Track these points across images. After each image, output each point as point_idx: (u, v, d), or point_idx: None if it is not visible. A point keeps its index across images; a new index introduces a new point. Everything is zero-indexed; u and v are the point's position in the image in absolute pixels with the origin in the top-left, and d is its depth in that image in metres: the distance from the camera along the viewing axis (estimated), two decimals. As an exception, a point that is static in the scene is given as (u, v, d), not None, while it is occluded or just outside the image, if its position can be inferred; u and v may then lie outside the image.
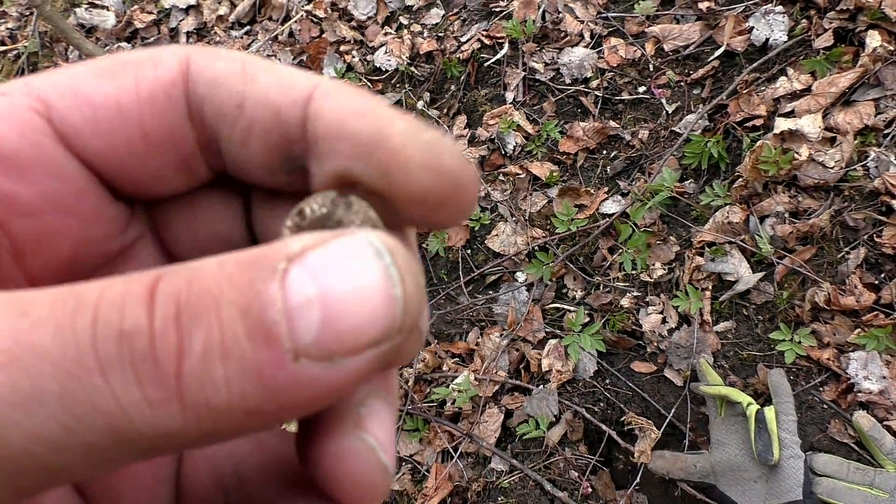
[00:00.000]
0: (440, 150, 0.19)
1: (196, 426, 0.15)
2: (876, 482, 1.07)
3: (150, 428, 0.15)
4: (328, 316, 0.15)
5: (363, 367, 0.16)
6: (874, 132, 1.28)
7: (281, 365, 0.15)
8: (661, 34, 1.58)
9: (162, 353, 0.15)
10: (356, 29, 2.00)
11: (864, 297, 1.21)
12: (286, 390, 0.15)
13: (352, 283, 0.16)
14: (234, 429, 0.16)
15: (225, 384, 0.15)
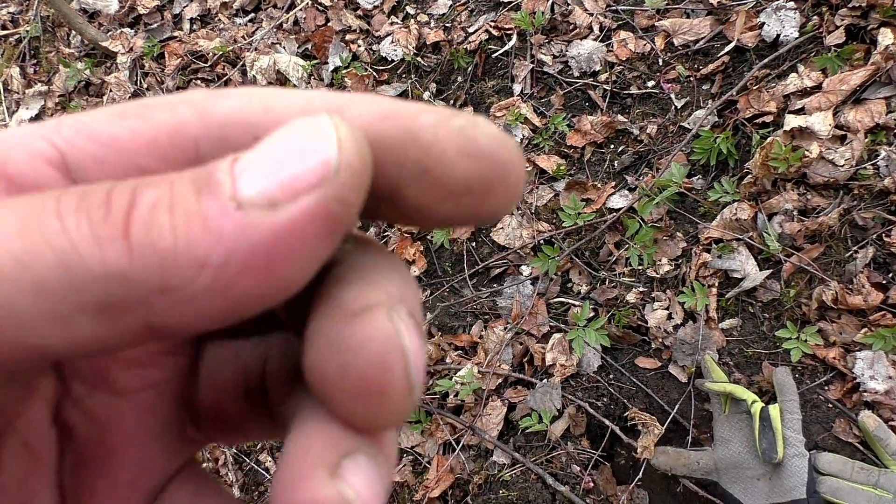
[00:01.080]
0: (474, 133, 0.19)
1: (143, 269, 0.16)
2: (880, 482, 1.07)
3: (98, 264, 0.16)
4: (268, 169, 0.17)
5: (306, 209, 0.16)
6: (885, 131, 1.28)
7: (225, 212, 0.16)
8: (671, 28, 1.57)
9: (115, 204, 0.16)
10: (362, 18, 1.99)
11: (872, 297, 1.21)
12: (231, 235, 0.16)
13: (292, 145, 0.17)
14: (190, 284, 0.16)
15: (171, 229, 0.16)
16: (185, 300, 0.16)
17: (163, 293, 0.16)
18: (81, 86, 2.33)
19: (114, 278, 0.16)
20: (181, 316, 0.17)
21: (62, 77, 2.33)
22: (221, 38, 2.12)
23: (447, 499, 1.44)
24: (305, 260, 0.17)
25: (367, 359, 0.17)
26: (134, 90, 2.18)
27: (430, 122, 0.19)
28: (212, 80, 2.10)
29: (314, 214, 0.16)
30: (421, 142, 0.18)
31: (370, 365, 0.17)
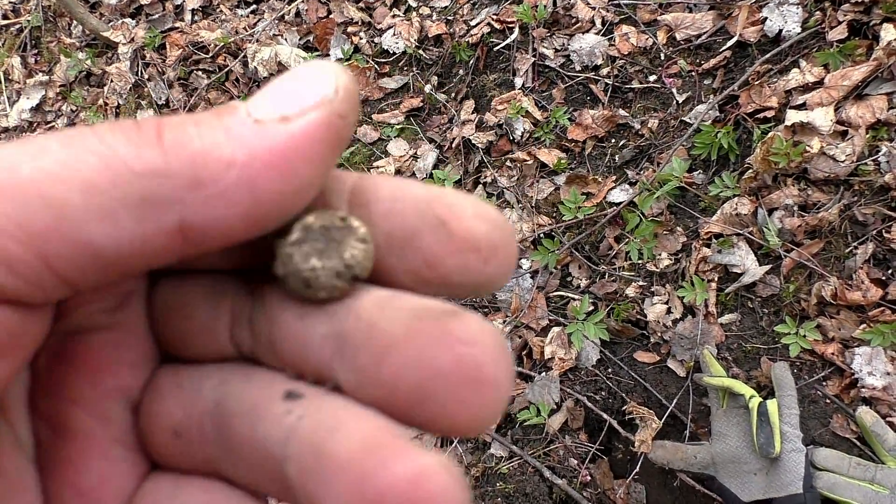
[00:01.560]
0: (487, 206, 0.21)
1: (178, 167, 0.18)
2: (877, 478, 1.07)
3: (137, 161, 0.18)
4: (276, 93, 0.20)
5: (314, 120, 0.19)
6: (886, 127, 1.27)
7: (244, 123, 0.19)
8: (673, 23, 1.57)
9: (145, 125, 0.19)
10: (364, 10, 1.98)
11: (871, 293, 1.21)
12: (253, 140, 0.18)
13: (297, 76, 0.20)
14: (219, 180, 0.18)
15: (198, 135, 0.18)
16: (215, 195, 0.18)
17: (195, 188, 0.18)
18: (82, 76, 2.33)
19: (151, 175, 0.18)
20: (213, 212, 0.18)
21: (63, 67, 2.33)
22: (223, 30, 2.12)
23: (445, 491, 1.44)
24: (317, 163, 0.19)
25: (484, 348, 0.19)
26: (135, 80, 2.18)
27: (451, 191, 0.21)
28: (213, 71, 2.10)
29: (320, 124, 0.19)
30: (444, 200, 0.21)
31: (488, 353, 0.19)
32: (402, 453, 0.17)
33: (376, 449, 0.18)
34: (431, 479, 0.17)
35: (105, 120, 2.23)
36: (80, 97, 2.29)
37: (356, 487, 0.17)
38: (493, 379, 0.19)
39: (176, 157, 0.18)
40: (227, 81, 2.08)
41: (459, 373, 0.18)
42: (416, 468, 0.17)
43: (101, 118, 2.23)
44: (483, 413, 0.19)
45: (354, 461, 0.17)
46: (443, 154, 1.74)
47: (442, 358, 0.18)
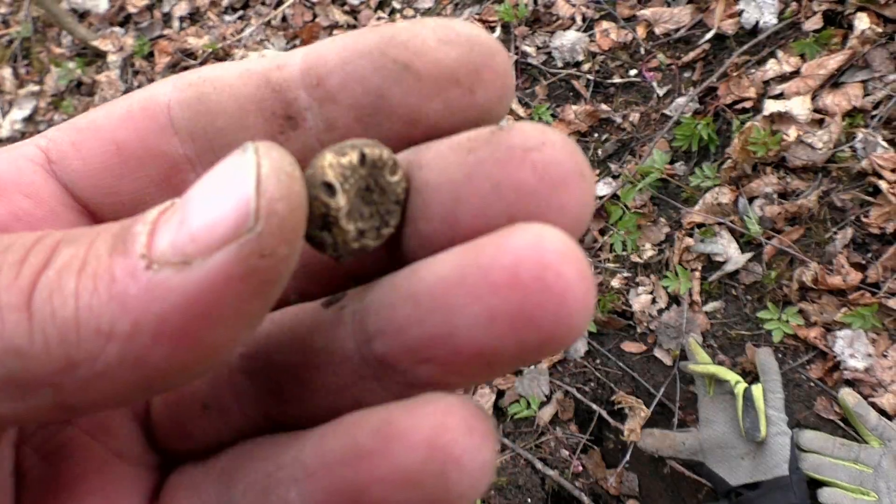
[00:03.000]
0: (450, 24, 0.18)
1: (44, 344, 0.14)
2: (861, 457, 1.09)
3: (16, 361, 0.14)
4: (185, 217, 0.15)
5: (220, 268, 0.14)
6: (862, 113, 1.29)
7: (132, 273, 0.14)
8: (652, 17, 1.59)
9: (27, 265, 0.15)
10: (349, 13, 2.00)
11: (851, 277, 1.23)
12: (138, 301, 0.14)
13: (213, 187, 0.15)
14: (97, 358, 0.14)
15: (73, 296, 0.14)
16: (93, 377, 0.14)
17: (68, 370, 0.14)
18: (73, 85, 2.34)
19: (15, 355, 0.14)
20: (93, 394, 0.15)
21: (54, 77, 2.34)
22: (210, 36, 2.14)
23: (438, 485, 1.45)
24: (230, 324, 0.15)
25: (554, 146, 0.17)
26: (125, 88, 2.20)
27: (405, 27, 0.18)
28: (201, 77, 2.11)
29: (231, 273, 0.14)
30: (397, 39, 0.18)
31: (559, 150, 0.17)
32: None
33: None
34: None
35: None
36: (72, 106, 2.30)
37: None
38: (577, 169, 0.17)
39: (42, 331, 0.14)
40: (216, 87, 2.09)
41: (545, 181, 0.17)
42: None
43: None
44: (585, 203, 0.17)
45: None
46: (429, 153, 1.76)
47: (520, 177, 0.17)
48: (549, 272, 0.15)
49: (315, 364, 0.19)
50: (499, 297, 0.16)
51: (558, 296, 0.15)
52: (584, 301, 0.16)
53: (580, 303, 0.16)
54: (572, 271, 0.16)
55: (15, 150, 0.20)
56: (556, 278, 0.15)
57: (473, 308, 0.16)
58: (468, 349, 0.16)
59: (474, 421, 0.16)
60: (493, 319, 0.16)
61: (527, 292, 0.15)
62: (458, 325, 0.16)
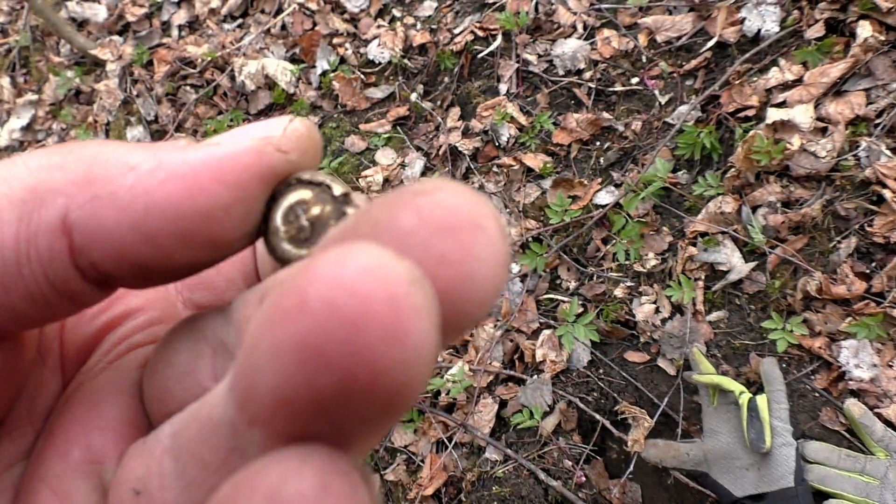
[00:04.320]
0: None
1: (73, 162, 0.17)
2: (867, 469, 1.08)
3: (37, 158, 0.17)
4: (227, 132, 0.18)
5: (242, 147, 0.17)
6: (865, 122, 1.29)
7: (174, 145, 0.17)
8: (653, 25, 1.59)
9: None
10: (349, 21, 2.00)
11: (856, 286, 1.22)
12: (168, 153, 0.17)
13: (254, 124, 0.19)
14: (114, 179, 0.17)
15: (114, 145, 0.17)
16: (104, 195, 0.16)
17: (85, 185, 0.16)
18: (72, 94, 2.34)
19: (46, 168, 0.16)
20: (97, 212, 0.16)
21: (52, 86, 2.34)
22: (210, 44, 2.13)
23: (441, 496, 1.45)
24: (232, 188, 0.17)
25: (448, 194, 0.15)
26: (124, 97, 2.19)
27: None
28: (201, 85, 2.11)
29: (249, 150, 0.17)
30: None
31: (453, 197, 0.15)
32: None
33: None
34: None
35: (95, 137, 2.24)
36: (70, 115, 2.30)
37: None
38: (471, 218, 0.15)
39: (76, 154, 0.17)
40: (216, 95, 2.09)
41: (426, 224, 0.15)
42: None
43: (92, 135, 2.24)
44: (479, 256, 0.15)
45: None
46: (430, 162, 1.76)
47: (400, 217, 0.15)
48: (341, 292, 0.13)
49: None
50: (284, 326, 0.13)
51: (352, 323, 0.13)
52: (397, 327, 0.13)
53: (391, 331, 0.13)
54: (380, 290, 0.13)
55: None
56: (351, 300, 0.13)
57: (264, 341, 0.14)
58: (261, 394, 0.14)
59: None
60: (277, 353, 0.13)
61: (314, 319, 0.13)
62: (254, 364, 0.14)
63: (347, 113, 1.91)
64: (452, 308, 0.14)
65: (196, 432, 0.17)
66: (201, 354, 0.19)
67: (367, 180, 1.75)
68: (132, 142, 0.18)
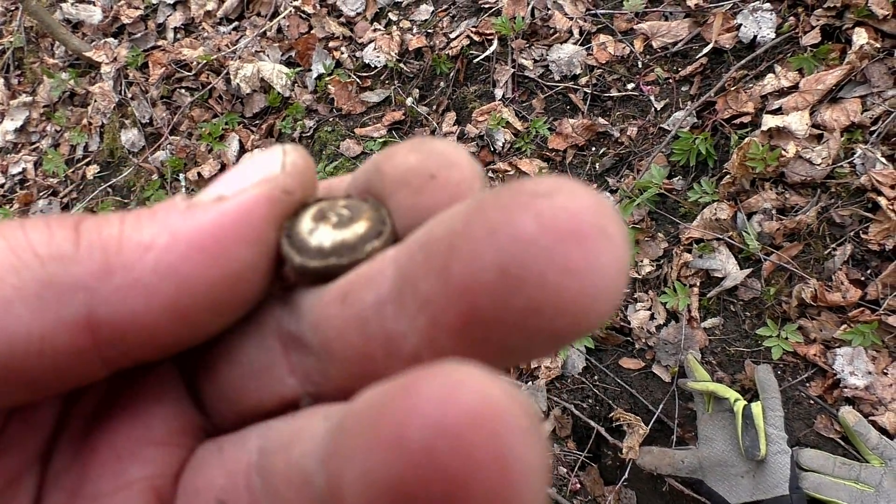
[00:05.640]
0: (432, 141, 0.19)
1: (89, 251, 0.16)
2: (861, 477, 1.08)
3: (45, 246, 0.16)
4: (220, 180, 0.18)
5: (251, 198, 0.17)
6: (861, 129, 1.29)
7: (173, 207, 0.17)
8: (649, 31, 1.59)
9: (70, 217, 0.17)
10: (345, 25, 2.00)
11: (851, 294, 1.22)
12: (178, 222, 0.16)
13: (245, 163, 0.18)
14: (134, 265, 0.16)
15: (118, 221, 0.17)
16: (129, 283, 0.16)
17: (105, 276, 0.16)
18: (66, 96, 2.33)
19: (57, 259, 0.16)
20: (126, 303, 0.16)
21: (46, 88, 2.33)
22: (205, 47, 2.13)
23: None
24: (254, 243, 0.17)
25: (572, 196, 0.14)
26: (119, 100, 2.19)
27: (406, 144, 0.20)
28: (196, 88, 2.10)
29: (259, 199, 0.17)
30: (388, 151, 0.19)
31: (578, 201, 0.14)
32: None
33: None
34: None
35: (89, 139, 2.23)
36: (64, 117, 2.29)
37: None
38: (597, 224, 0.14)
39: (88, 242, 0.16)
40: (211, 99, 2.09)
41: (548, 230, 0.14)
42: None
43: (86, 138, 2.23)
44: (602, 266, 0.14)
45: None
46: (426, 166, 1.75)
47: (519, 222, 0.14)
48: (443, 441, 0.12)
49: None
50: (379, 458, 0.12)
51: (453, 479, 0.12)
52: (504, 489, 0.12)
53: (496, 494, 0.12)
54: (487, 445, 0.12)
55: None
56: (453, 453, 0.12)
57: (356, 461, 0.13)
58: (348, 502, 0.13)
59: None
60: (369, 480, 0.12)
61: (411, 463, 0.12)
62: (344, 476, 0.13)
63: (343, 117, 1.91)
64: (573, 319, 0.14)
65: (284, 469, 0.16)
66: (271, 348, 0.19)
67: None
68: (120, 212, 0.17)
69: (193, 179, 1.98)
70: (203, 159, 2.00)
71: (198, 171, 1.98)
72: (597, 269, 0.14)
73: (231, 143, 1.99)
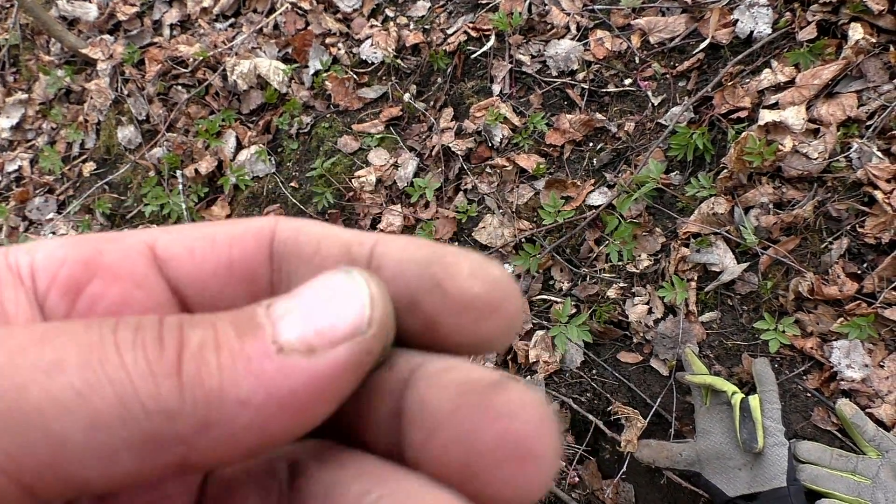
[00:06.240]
0: (488, 264, 0.21)
1: (192, 406, 0.17)
2: (858, 468, 1.08)
3: (152, 400, 0.16)
4: (308, 317, 0.18)
5: (341, 358, 0.18)
6: (857, 123, 1.30)
7: (266, 355, 0.17)
8: (646, 26, 1.59)
9: (167, 341, 0.17)
10: (342, 21, 2.00)
11: (847, 287, 1.23)
12: (273, 378, 0.17)
13: (329, 292, 0.19)
14: (231, 422, 0.17)
15: (217, 369, 0.17)
16: (224, 437, 0.17)
17: (205, 430, 0.17)
18: (62, 93, 2.32)
19: (163, 414, 0.17)
20: (217, 452, 0.17)
21: (42, 85, 2.32)
22: (202, 44, 2.12)
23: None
24: (334, 402, 0.18)
25: (526, 421, 0.18)
26: (115, 97, 2.18)
27: (455, 251, 0.21)
28: (192, 85, 2.10)
29: (347, 363, 0.18)
30: (443, 260, 0.21)
31: (530, 427, 0.18)
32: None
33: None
34: None
35: (86, 136, 2.22)
36: (61, 114, 2.28)
37: None
38: (535, 453, 0.18)
39: (191, 396, 0.17)
40: (207, 95, 2.08)
41: (501, 449, 0.18)
42: None
43: (82, 135, 2.22)
44: (528, 487, 0.18)
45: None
46: (423, 162, 1.75)
47: (484, 434, 0.18)
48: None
49: None
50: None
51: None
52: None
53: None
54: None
55: (123, 241, 0.23)
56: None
57: None
58: None
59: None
60: None
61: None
62: None
63: (340, 113, 1.91)
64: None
65: None
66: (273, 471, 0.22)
67: (360, 181, 1.75)
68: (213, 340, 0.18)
69: (190, 176, 1.97)
70: (200, 156, 2.00)
71: (195, 167, 1.97)
72: (532, 483, 0.18)
73: (228, 140, 1.99)
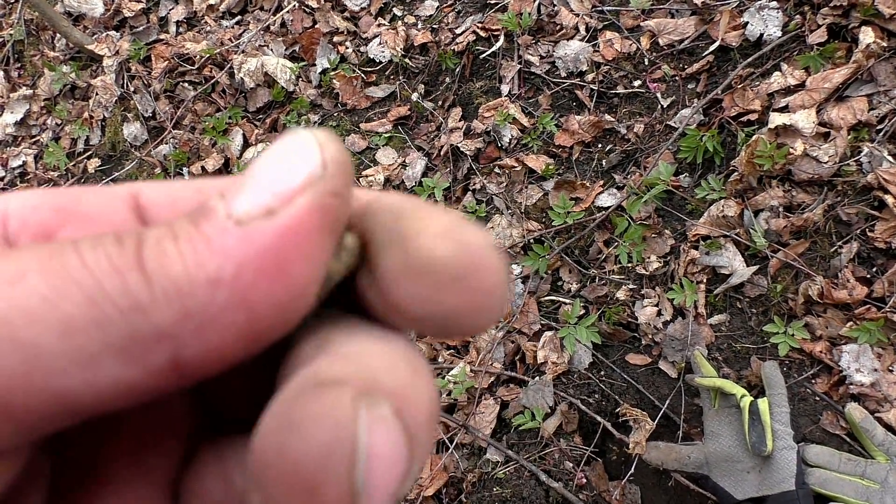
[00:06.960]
0: (465, 226, 0.18)
1: (164, 296, 0.16)
2: (867, 473, 1.09)
3: (122, 296, 0.16)
4: (256, 183, 0.17)
5: (304, 207, 0.17)
6: (867, 128, 1.30)
7: (225, 230, 0.16)
8: (656, 28, 1.59)
9: (126, 241, 0.17)
10: (349, 19, 1.99)
11: (857, 291, 1.23)
12: (237, 247, 0.16)
13: (276, 157, 0.18)
14: (209, 304, 0.16)
15: (178, 254, 0.16)
16: (207, 323, 0.16)
17: (186, 320, 0.16)
18: (67, 89, 2.32)
19: (137, 309, 0.15)
20: (206, 342, 0.16)
21: (47, 81, 2.32)
22: (208, 41, 2.12)
23: (441, 497, 1.45)
24: (313, 257, 0.17)
25: (307, 442, 0.15)
26: (121, 93, 2.18)
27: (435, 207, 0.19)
28: (199, 82, 2.10)
29: (311, 210, 0.17)
30: (416, 214, 0.19)
31: (308, 451, 0.15)
32: None
33: None
34: None
35: (91, 133, 2.22)
36: (65, 111, 2.28)
37: None
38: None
39: (160, 286, 0.16)
40: (214, 93, 2.08)
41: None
42: None
43: (87, 131, 2.22)
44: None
45: None
46: (431, 162, 1.75)
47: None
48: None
49: None
50: None
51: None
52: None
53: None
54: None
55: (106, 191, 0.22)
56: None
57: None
58: None
59: None
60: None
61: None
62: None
63: (348, 112, 1.90)
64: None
65: None
66: None
67: (368, 180, 1.75)
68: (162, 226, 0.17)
69: (197, 173, 1.97)
70: (207, 153, 2.00)
71: (201, 164, 1.97)
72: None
73: (235, 138, 1.99)
